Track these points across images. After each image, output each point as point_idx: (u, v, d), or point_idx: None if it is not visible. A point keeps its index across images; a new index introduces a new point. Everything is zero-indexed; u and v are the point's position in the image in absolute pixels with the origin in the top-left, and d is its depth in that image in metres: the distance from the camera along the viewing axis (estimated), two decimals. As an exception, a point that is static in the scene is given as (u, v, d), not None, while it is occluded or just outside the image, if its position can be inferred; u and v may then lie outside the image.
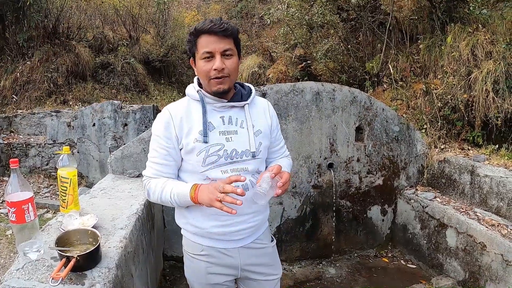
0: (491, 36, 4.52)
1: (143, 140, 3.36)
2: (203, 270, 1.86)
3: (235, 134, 1.75)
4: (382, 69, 5.72)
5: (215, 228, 1.79)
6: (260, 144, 1.80)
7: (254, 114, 1.83)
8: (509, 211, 3.30)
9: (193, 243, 1.88)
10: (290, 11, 6.45)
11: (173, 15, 12.97)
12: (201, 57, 1.67)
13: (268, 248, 1.97)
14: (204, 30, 1.64)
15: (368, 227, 4.21)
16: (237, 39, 1.72)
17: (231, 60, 1.68)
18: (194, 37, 1.69)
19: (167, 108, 1.80)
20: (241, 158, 1.75)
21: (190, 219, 1.84)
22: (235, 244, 1.85)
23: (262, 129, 1.83)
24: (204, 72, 1.67)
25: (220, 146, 1.71)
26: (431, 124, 4.44)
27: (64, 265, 1.50)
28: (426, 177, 4.21)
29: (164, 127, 1.74)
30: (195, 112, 1.75)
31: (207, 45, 1.64)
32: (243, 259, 1.87)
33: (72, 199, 2.10)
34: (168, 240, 3.65)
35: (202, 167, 1.71)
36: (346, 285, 3.61)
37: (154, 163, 1.78)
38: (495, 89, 4.10)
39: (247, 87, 1.89)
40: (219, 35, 1.63)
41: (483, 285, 3.15)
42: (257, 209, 1.84)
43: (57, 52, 9.33)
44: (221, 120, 1.75)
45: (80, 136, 6.97)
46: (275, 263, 2.03)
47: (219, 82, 1.66)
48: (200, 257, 1.86)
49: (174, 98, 11.27)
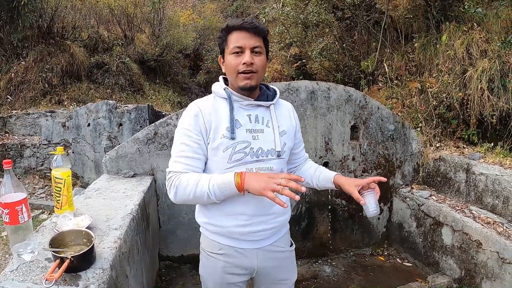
0: (486, 35, 4.53)
1: (137, 140, 3.36)
2: (220, 269, 1.86)
3: (262, 132, 1.77)
4: (377, 68, 5.73)
5: (235, 228, 1.78)
6: (284, 145, 1.81)
7: (279, 114, 1.85)
8: (504, 209, 3.31)
9: (211, 241, 1.87)
10: (285, 10, 6.44)
11: (168, 14, 12.95)
12: (231, 51, 1.70)
13: (286, 252, 1.98)
14: (236, 26, 1.69)
15: (364, 225, 4.21)
16: (266, 40, 1.77)
17: (260, 57, 1.71)
18: (226, 33, 1.73)
19: (195, 103, 1.81)
20: (266, 157, 1.76)
21: (210, 218, 1.84)
22: (254, 245, 1.84)
23: (286, 130, 1.85)
24: (232, 66, 1.70)
25: (246, 144, 1.72)
26: (426, 122, 4.45)
27: (58, 266, 1.49)
28: (421, 175, 4.22)
29: (194, 120, 1.73)
30: (222, 109, 1.76)
31: (237, 41, 1.68)
32: (260, 261, 1.87)
33: (66, 199, 2.09)
34: (163, 240, 3.65)
35: (228, 163, 1.71)
36: (342, 284, 3.61)
37: (184, 157, 1.72)
38: (490, 88, 4.11)
39: (272, 89, 1.92)
40: (249, 31, 1.68)
41: (479, 283, 3.16)
42: (278, 211, 1.83)
43: (51, 52, 9.28)
44: (248, 118, 1.76)
45: (75, 136, 6.94)
46: (291, 267, 2.04)
47: (247, 77, 1.69)
48: (218, 256, 1.86)
49: (169, 97, 11.25)
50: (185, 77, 13.65)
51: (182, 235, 3.66)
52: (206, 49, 13.54)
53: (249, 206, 1.74)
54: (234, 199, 1.71)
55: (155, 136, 3.39)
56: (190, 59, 14.44)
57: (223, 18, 15.44)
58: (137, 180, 3.21)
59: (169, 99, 11.18)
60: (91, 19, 11.43)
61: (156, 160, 3.43)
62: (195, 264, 3.72)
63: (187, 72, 14.07)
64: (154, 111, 7.70)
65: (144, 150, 3.38)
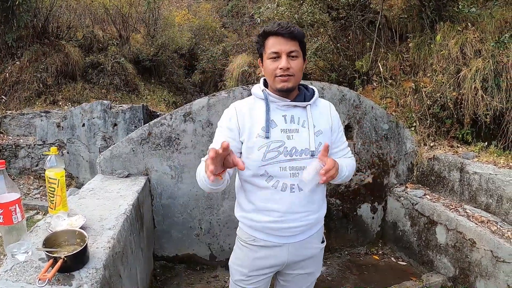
0: (480, 35, 4.54)
1: (132, 140, 3.36)
2: (251, 259, 1.95)
3: (296, 132, 1.82)
4: (371, 67, 5.74)
5: (267, 223, 1.85)
6: (319, 144, 1.82)
7: (315, 114, 1.88)
8: (498, 208, 3.33)
9: (246, 233, 1.96)
10: (280, 10, 6.45)
11: (164, 14, 12.90)
12: (268, 56, 1.77)
13: (317, 249, 2.03)
14: (272, 32, 1.75)
15: (358, 225, 4.22)
16: (303, 42, 1.80)
17: (296, 61, 1.76)
18: (263, 39, 1.80)
19: (233, 104, 1.92)
20: (300, 156, 1.79)
21: (245, 213, 1.92)
22: (286, 240, 1.89)
23: (322, 130, 1.87)
24: (270, 70, 1.77)
25: (280, 143, 1.78)
26: (421, 122, 4.46)
27: (51, 266, 1.50)
28: (415, 174, 4.24)
29: (228, 119, 1.86)
30: (259, 110, 1.84)
31: (274, 46, 1.74)
32: (291, 256, 1.93)
33: (60, 200, 2.10)
34: (158, 240, 3.65)
35: (262, 161, 1.77)
36: (337, 283, 3.62)
37: None
38: (484, 87, 4.12)
39: (311, 89, 1.96)
40: (285, 37, 1.72)
41: (473, 281, 3.18)
42: (311, 209, 1.88)
43: (46, 52, 9.22)
44: (283, 118, 1.82)
45: (70, 136, 6.92)
46: (318, 263, 2.11)
47: (284, 80, 1.75)
48: (251, 246, 1.94)
49: (164, 97, 11.22)
50: (180, 77, 13.60)
51: (176, 235, 3.66)
52: (201, 49, 13.50)
53: (282, 203, 1.80)
54: (268, 196, 1.81)
55: (149, 136, 3.39)
56: (185, 59, 14.40)
57: (219, 18, 15.43)
58: (131, 180, 3.21)
59: (164, 99, 11.15)
60: (86, 18, 11.36)
61: (150, 160, 3.43)
62: (189, 264, 3.75)
63: (182, 72, 14.04)
64: (149, 111, 7.70)
65: (138, 150, 3.38)
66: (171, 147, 3.45)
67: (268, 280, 2.05)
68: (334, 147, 1.99)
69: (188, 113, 3.44)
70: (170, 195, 3.55)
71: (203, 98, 3.51)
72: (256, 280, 1.98)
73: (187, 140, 3.47)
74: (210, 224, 3.70)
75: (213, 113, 3.48)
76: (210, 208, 3.66)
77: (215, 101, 3.48)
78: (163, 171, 3.49)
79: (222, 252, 3.78)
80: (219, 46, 12.52)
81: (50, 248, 1.61)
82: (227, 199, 3.66)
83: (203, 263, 3.79)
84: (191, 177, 3.54)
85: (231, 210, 3.65)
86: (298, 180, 1.78)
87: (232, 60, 10.29)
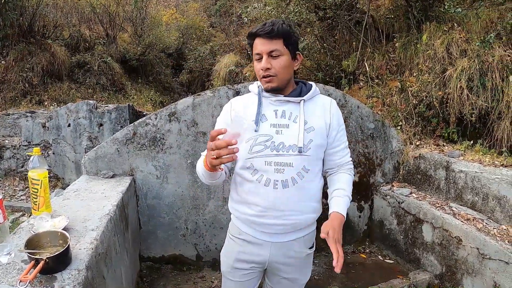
0: (466, 35, 4.57)
1: (116, 140, 3.33)
2: (235, 253, 1.97)
3: (286, 128, 1.81)
4: (358, 67, 5.76)
5: (250, 217, 1.86)
6: (310, 141, 1.80)
7: (310, 110, 1.86)
8: (484, 206, 3.35)
9: (235, 226, 1.99)
10: (267, 10, 6.44)
11: (151, 13, 12.86)
12: (254, 58, 1.82)
13: (302, 253, 1.96)
14: (254, 33, 1.79)
15: (345, 223, 4.15)
16: (288, 39, 1.78)
17: (277, 60, 1.76)
18: (251, 40, 1.83)
19: (231, 99, 1.99)
20: (287, 152, 1.78)
21: (235, 204, 1.95)
22: (269, 238, 1.88)
23: (315, 127, 1.84)
24: (256, 71, 1.83)
25: (268, 137, 1.79)
26: (407, 121, 4.48)
27: (33, 268, 1.49)
28: (402, 173, 4.26)
29: (224, 113, 1.94)
30: (253, 105, 1.87)
31: (256, 47, 1.78)
32: (273, 255, 1.91)
33: (43, 201, 2.08)
34: (144, 241, 3.62)
35: (249, 154, 1.79)
36: (324, 282, 3.63)
37: None
38: (469, 86, 4.15)
39: (309, 85, 1.95)
40: (265, 37, 1.75)
41: (460, 279, 3.20)
42: (297, 209, 1.83)
43: (32, 51, 9.12)
44: (274, 113, 1.84)
45: (55, 137, 6.86)
46: (304, 268, 2.05)
47: (267, 80, 1.79)
48: (237, 239, 1.97)
49: (151, 97, 11.17)
50: (167, 76, 13.58)
51: (162, 236, 3.64)
52: (189, 48, 13.49)
53: (264, 198, 1.79)
54: (251, 189, 1.82)
55: (134, 136, 3.36)
56: (173, 59, 14.37)
57: (206, 17, 15.40)
58: (116, 181, 3.18)
59: (151, 98, 11.10)
60: (73, 17, 11.26)
61: (136, 160, 3.40)
62: (176, 265, 3.72)
63: (170, 71, 14.02)
64: (135, 111, 7.65)
65: (123, 150, 3.35)
66: (156, 147, 3.43)
67: (254, 278, 2.02)
68: (334, 146, 1.94)
69: (173, 113, 3.42)
70: (155, 195, 3.52)
71: (188, 98, 3.49)
72: (240, 274, 1.98)
73: (172, 140, 3.45)
74: (196, 224, 3.68)
75: (198, 112, 3.46)
76: (196, 208, 3.64)
77: (200, 101, 3.46)
78: (148, 171, 3.46)
79: (209, 252, 3.76)
80: (206, 46, 12.52)
81: (32, 250, 1.59)
82: (212, 199, 3.64)
83: (190, 264, 3.77)
84: (177, 177, 3.52)
85: (216, 210, 3.65)
86: (281, 176, 1.76)
87: (220, 59, 10.28)
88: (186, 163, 3.52)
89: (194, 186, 3.59)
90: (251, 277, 2.00)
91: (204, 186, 3.59)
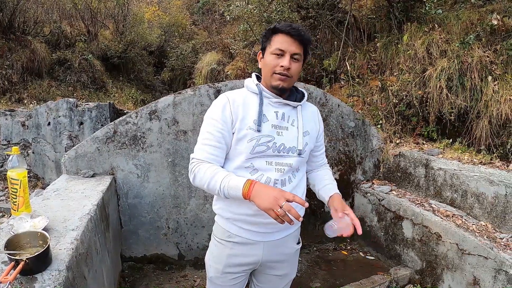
0: (446, 35, 4.64)
1: (97, 139, 3.29)
2: (225, 256, 1.93)
3: (286, 130, 1.84)
4: (339, 66, 5.80)
5: (246, 216, 1.84)
6: (306, 145, 1.88)
7: (305, 116, 1.93)
8: (463, 202, 3.41)
9: (222, 228, 1.93)
10: (249, 8, 6.44)
11: (133, 10, 12.70)
12: (272, 52, 1.78)
13: (292, 249, 2.02)
14: (283, 30, 1.76)
15: (327, 221, 4.21)
16: (307, 48, 1.83)
17: (297, 64, 1.79)
18: (271, 33, 1.80)
19: (225, 94, 1.88)
20: (287, 154, 1.83)
21: (226, 204, 1.89)
22: (261, 237, 1.89)
23: (310, 131, 1.92)
24: (271, 65, 1.78)
25: (270, 138, 1.79)
26: (387, 119, 4.54)
27: (13, 269, 1.47)
28: (382, 171, 4.31)
29: (221, 110, 1.80)
30: (252, 103, 1.84)
31: (281, 43, 1.75)
32: (266, 254, 1.92)
33: (23, 201, 2.05)
34: (125, 240, 3.59)
35: (250, 154, 1.77)
36: (306, 279, 3.64)
37: (207, 146, 1.80)
38: (448, 86, 4.22)
39: (301, 91, 1.99)
40: (294, 38, 1.75)
41: (440, 273, 3.24)
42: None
43: (12, 48, 8.92)
44: (275, 114, 1.84)
45: (35, 136, 6.72)
46: (293, 264, 2.11)
47: (282, 79, 1.78)
48: (226, 242, 1.92)
49: (132, 95, 11.06)
50: (149, 74, 13.48)
51: (144, 235, 3.61)
52: (171, 46, 13.40)
53: None
54: None
55: (115, 134, 3.32)
56: (155, 56, 14.28)
57: (189, 15, 15.31)
58: (96, 180, 3.15)
59: (132, 97, 10.98)
60: (54, 13, 11.00)
61: (116, 159, 3.36)
62: (158, 265, 3.70)
63: (151, 69, 13.93)
64: (116, 109, 7.55)
65: (103, 149, 3.31)
66: (137, 146, 3.40)
67: (243, 280, 2.03)
68: (319, 150, 2.08)
69: (154, 111, 3.39)
70: (136, 194, 3.49)
71: (168, 96, 3.47)
72: (230, 278, 1.97)
73: (153, 138, 3.43)
74: (177, 223, 3.66)
75: (179, 111, 3.45)
76: (177, 207, 3.62)
77: (181, 99, 3.45)
78: (129, 170, 3.43)
79: (191, 251, 3.75)
80: (188, 44, 12.46)
81: (12, 251, 1.58)
82: (193, 198, 3.63)
83: (172, 263, 3.75)
84: (157, 176, 3.50)
85: (198, 208, 3.64)
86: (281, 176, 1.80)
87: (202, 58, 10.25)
88: (167, 162, 3.50)
89: (175, 185, 3.57)
90: (240, 280, 2.01)
91: (185, 184, 3.57)
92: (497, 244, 2.90)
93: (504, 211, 3.09)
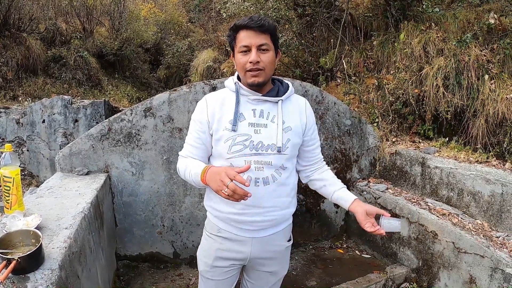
0: (443, 34, 4.63)
1: (91, 136, 3.27)
2: (214, 250, 1.96)
3: (265, 127, 1.83)
4: (336, 64, 5.78)
5: (231, 215, 1.87)
6: (288, 141, 1.85)
7: (287, 110, 1.90)
8: (459, 201, 3.41)
9: (212, 223, 1.98)
10: (246, 5, 6.41)
11: (129, 7, 12.66)
12: (239, 50, 1.78)
13: (282, 246, 2.02)
14: (243, 25, 1.76)
15: (322, 219, 4.25)
16: (275, 35, 1.82)
17: (267, 54, 1.77)
18: (234, 32, 1.81)
19: (205, 96, 1.95)
20: (266, 151, 1.81)
21: (213, 202, 1.94)
22: (250, 234, 1.90)
23: (292, 126, 1.88)
24: (240, 64, 1.79)
25: (247, 137, 1.80)
26: (383, 118, 4.53)
27: (5, 268, 1.46)
28: (378, 169, 4.30)
29: (199, 112, 1.89)
30: (230, 103, 1.85)
31: (244, 39, 1.75)
32: (254, 250, 1.93)
33: (16, 199, 2.02)
34: (120, 239, 3.56)
35: (228, 154, 1.80)
36: (302, 277, 3.63)
37: (187, 144, 1.92)
38: (445, 85, 4.21)
39: (285, 84, 1.97)
40: (255, 30, 1.74)
41: (436, 272, 3.24)
42: (277, 205, 1.88)
43: (7, 45, 8.88)
44: (253, 112, 1.84)
45: (30, 133, 6.69)
46: (284, 261, 2.11)
47: (254, 74, 1.77)
48: (215, 237, 1.96)
49: (128, 93, 11.03)
50: (144, 72, 13.44)
51: (139, 234, 3.59)
52: (167, 43, 13.35)
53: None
54: None
55: (109, 132, 3.30)
56: (151, 54, 14.23)
57: (185, 13, 15.25)
58: (90, 178, 3.12)
59: (127, 94, 10.95)
60: (49, 10, 10.95)
61: (111, 156, 3.34)
62: (153, 263, 3.68)
63: (147, 67, 13.90)
64: (111, 106, 7.53)
65: (98, 146, 3.29)
66: (132, 143, 3.37)
67: (233, 276, 2.04)
68: (310, 144, 2.02)
69: (149, 108, 3.37)
70: (131, 192, 3.47)
71: (164, 93, 3.44)
72: (219, 272, 1.98)
73: (148, 136, 3.40)
74: (172, 222, 3.64)
75: (174, 108, 3.42)
76: (172, 205, 3.60)
77: (176, 96, 3.42)
78: (123, 168, 3.40)
79: (186, 249, 3.73)
80: (185, 41, 12.42)
81: (5, 250, 1.56)
82: (189, 196, 3.60)
83: (167, 261, 3.73)
84: (152, 173, 3.47)
85: (193, 206, 3.62)
86: (261, 174, 1.79)
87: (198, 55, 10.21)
88: (162, 159, 3.47)
89: (170, 183, 3.54)
90: (230, 275, 2.01)
91: (180, 182, 3.55)
92: (493, 243, 2.90)
93: (500, 209, 3.09)
